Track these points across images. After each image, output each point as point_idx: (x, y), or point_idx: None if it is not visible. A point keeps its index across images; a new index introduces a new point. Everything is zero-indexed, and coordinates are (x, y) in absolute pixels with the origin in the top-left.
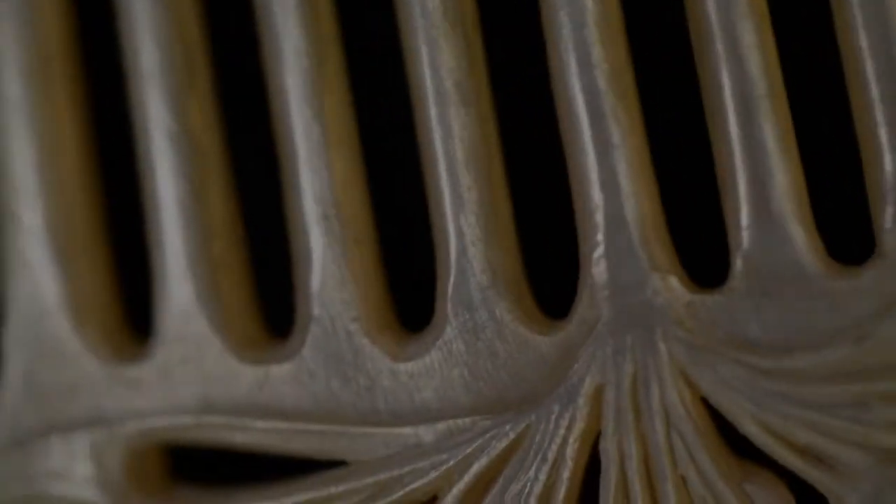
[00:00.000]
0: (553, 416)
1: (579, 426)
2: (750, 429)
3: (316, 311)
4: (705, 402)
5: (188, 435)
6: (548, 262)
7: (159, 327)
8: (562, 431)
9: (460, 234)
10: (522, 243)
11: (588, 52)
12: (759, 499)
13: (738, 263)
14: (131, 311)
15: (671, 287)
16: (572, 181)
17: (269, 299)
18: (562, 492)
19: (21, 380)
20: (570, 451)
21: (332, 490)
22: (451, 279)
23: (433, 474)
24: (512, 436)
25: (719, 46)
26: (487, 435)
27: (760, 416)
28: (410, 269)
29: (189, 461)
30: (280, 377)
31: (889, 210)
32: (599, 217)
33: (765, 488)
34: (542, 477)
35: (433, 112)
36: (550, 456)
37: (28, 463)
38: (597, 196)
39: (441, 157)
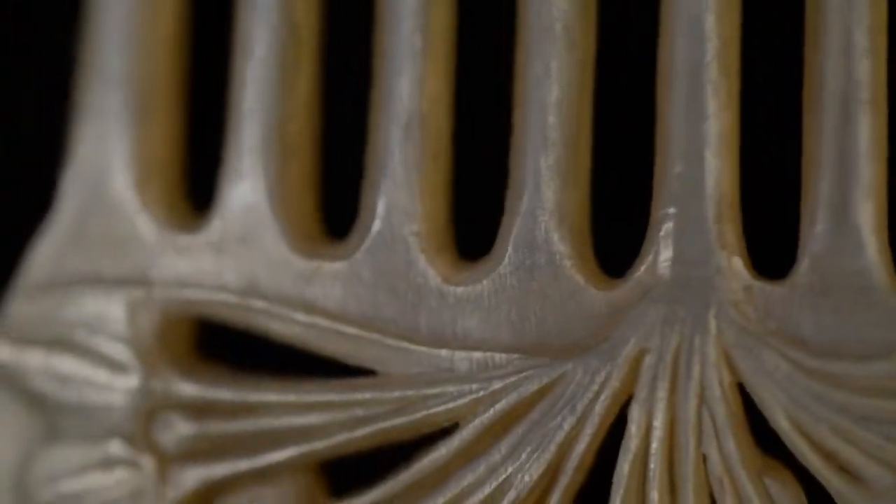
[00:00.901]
0: (590, 371)
1: (613, 385)
2: (781, 423)
3: (378, 217)
4: (741, 389)
5: (226, 314)
6: (616, 221)
7: (220, 201)
8: (595, 387)
9: (536, 173)
10: (595, 196)
11: (701, 22)
12: (775, 493)
13: (805, 261)
14: (194, 181)
15: (734, 268)
16: (658, 144)
17: (333, 199)
18: (582, 445)
19: (71, 225)
20: (600, 407)
21: (357, 396)
22: (519, 215)
23: (459, 401)
24: (545, 380)
25: (832, 43)
26: (521, 375)
27: (794, 413)
28: (476, 197)
29: (218, 345)
30: (329, 275)
31: None
32: (677, 185)
33: (782, 486)
34: (566, 427)
35: (535, 49)
36: (579, 408)
37: (62, 308)
38: (679, 164)
39: (533, 93)
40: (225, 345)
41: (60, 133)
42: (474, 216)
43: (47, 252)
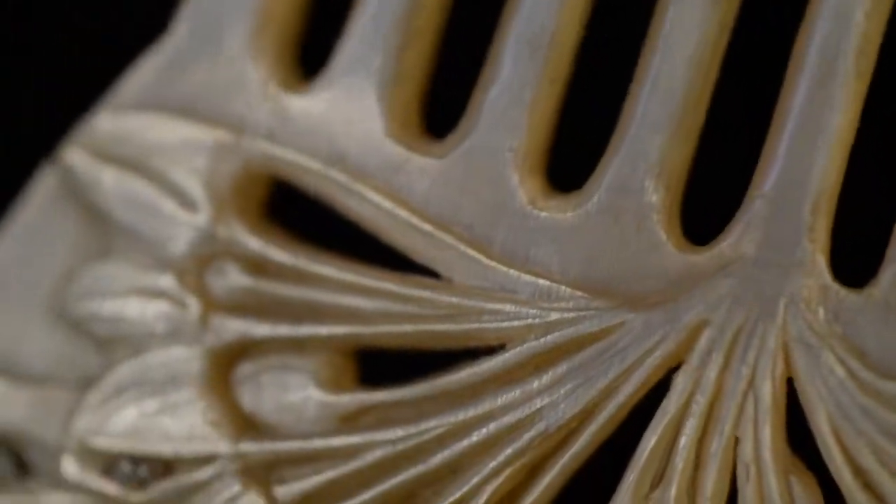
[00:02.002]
0: (649, 327)
1: (668, 347)
2: (821, 426)
3: (481, 125)
4: (790, 385)
5: (307, 180)
6: (711, 189)
7: (330, 71)
8: (649, 344)
9: (647, 120)
10: (697, 160)
11: (848, 16)
12: (797, 493)
13: (888, 275)
14: (309, 44)
15: (816, 264)
16: (773, 123)
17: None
18: (621, 397)
19: (178, 54)
20: (649, 365)
21: (414, 292)
22: (620, 155)
23: (514, 323)
24: (603, 325)
25: None
26: (581, 313)
27: (836, 421)
28: (580, 131)
29: (289, 213)
30: (419, 168)
31: None
32: (782, 168)
33: (805, 487)
34: (611, 375)
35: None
36: (628, 360)
37: (148, 132)
38: (790, 147)
39: (665, 41)
40: (296, 216)
41: None
42: (573, 148)
43: (147, 75)
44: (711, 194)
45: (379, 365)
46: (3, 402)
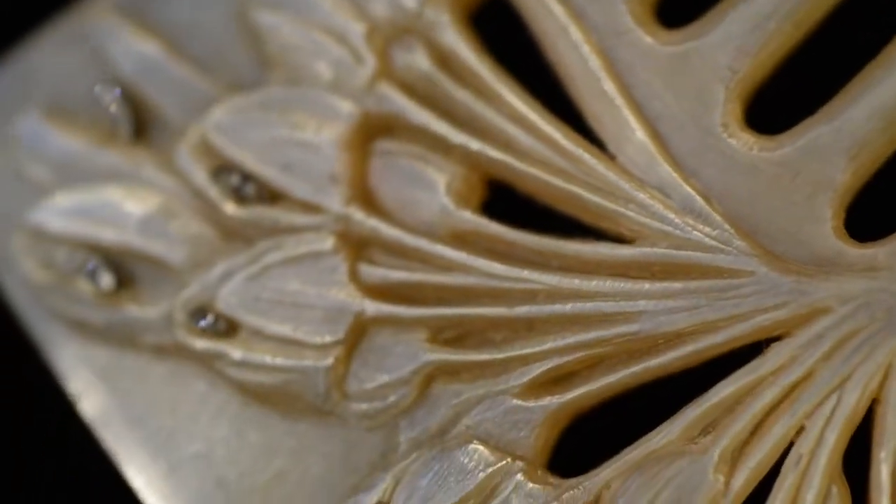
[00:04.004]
0: (775, 288)
1: (782, 314)
2: (880, 456)
3: (713, 34)
4: (875, 405)
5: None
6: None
7: None
8: (767, 303)
9: (867, 100)
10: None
11: None
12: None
13: None
14: None
15: None
16: None
17: None
18: (717, 338)
19: None
20: (757, 321)
21: (576, 151)
22: (828, 124)
23: (653, 223)
24: (734, 265)
25: None
26: (719, 245)
27: None
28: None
29: None
30: (640, 43)
31: None
32: None
33: (841, 501)
34: (719, 314)
35: None
36: (741, 309)
37: None
38: None
39: None
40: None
41: None
42: (785, 95)
43: None
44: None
45: (500, 208)
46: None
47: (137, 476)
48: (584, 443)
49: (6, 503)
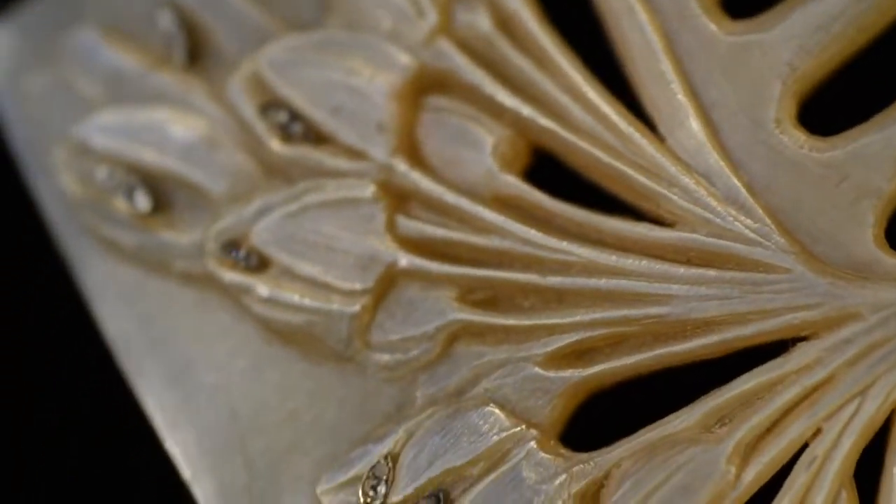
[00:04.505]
0: (810, 288)
1: (813, 315)
2: (893, 470)
3: (777, 28)
4: (894, 414)
5: None
6: None
7: None
8: (800, 302)
9: None
10: None
11: None
12: None
13: None
14: None
15: None
16: None
17: None
18: (746, 331)
19: None
20: (788, 319)
21: (625, 130)
22: (881, 131)
23: (695, 209)
24: (770, 260)
25: None
26: (758, 238)
27: None
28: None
29: None
30: (703, 30)
31: None
32: None
33: None
34: (750, 307)
35: None
36: (774, 304)
37: None
38: None
39: None
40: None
41: None
42: (842, 98)
43: None
44: None
45: (542, 177)
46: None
47: (152, 401)
48: (597, 420)
49: (6, 503)
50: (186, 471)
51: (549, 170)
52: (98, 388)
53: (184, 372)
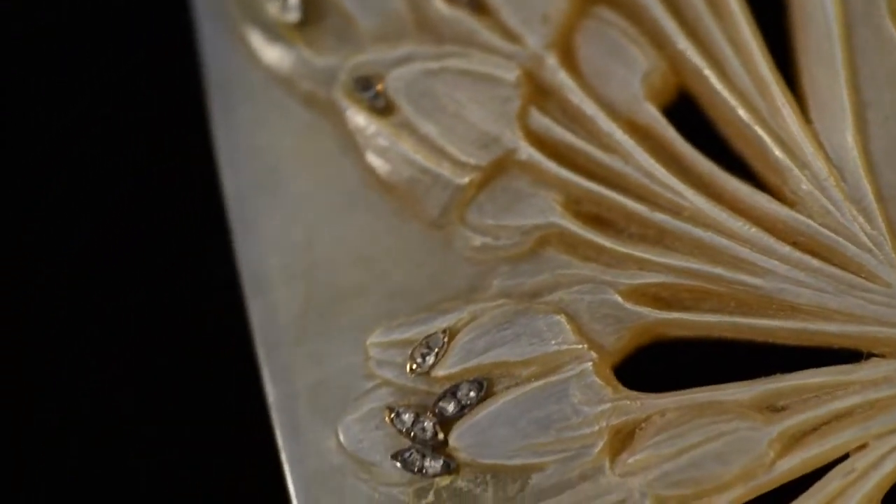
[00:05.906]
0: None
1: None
2: None
3: None
4: None
5: None
6: None
7: None
8: (891, 330)
9: None
10: None
11: None
12: None
13: None
14: None
15: None
16: None
17: None
18: (831, 327)
19: None
20: (869, 332)
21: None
22: None
23: (814, 192)
24: (871, 268)
25: None
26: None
27: None
28: None
29: None
30: None
31: None
32: None
33: None
34: (840, 305)
35: None
36: (865, 311)
37: None
38: None
39: None
40: None
41: None
42: None
43: None
44: None
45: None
46: None
47: (235, 207)
48: (647, 368)
49: (6, 503)
50: (248, 284)
51: (685, 117)
52: (98, 388)
53: (276, 184)
